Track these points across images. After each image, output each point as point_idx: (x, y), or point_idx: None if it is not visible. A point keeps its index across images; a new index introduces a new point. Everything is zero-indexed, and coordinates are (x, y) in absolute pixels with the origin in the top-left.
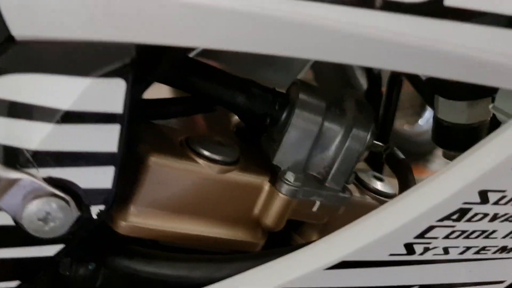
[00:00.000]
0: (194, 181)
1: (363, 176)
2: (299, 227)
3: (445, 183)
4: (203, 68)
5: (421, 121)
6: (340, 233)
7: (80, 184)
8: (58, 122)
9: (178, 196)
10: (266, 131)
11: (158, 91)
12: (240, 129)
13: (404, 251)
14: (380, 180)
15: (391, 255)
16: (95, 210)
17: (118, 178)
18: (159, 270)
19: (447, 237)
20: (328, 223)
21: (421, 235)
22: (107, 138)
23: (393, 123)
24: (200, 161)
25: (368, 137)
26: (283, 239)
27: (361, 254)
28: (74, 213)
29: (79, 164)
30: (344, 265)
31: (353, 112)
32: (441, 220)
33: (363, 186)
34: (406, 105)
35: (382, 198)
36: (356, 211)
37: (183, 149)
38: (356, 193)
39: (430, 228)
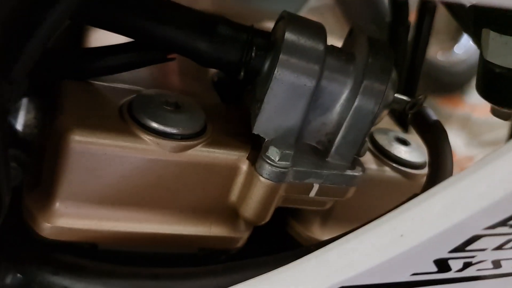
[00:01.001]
0: (137, 163)
1: (381, 139)
2: (296, 210)
3: (500, 172)
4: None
5: (456, 48)
6: (345, 244)
7: None
8: None
9: (117, 185)
10: (249, 83)
11: None
12: (221, 80)
13: (434, 269)
14: (405, 143)
15: (414, 274)
16: None
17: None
18: None
19: (500, 247)
20: (334, 207)
21: (460, 248)
22: None
23: (422, 66)
24: (145, 136)
25: (386, 90)
26: (277, 226)
27: (372, 277)
28: None
29: None
30: None
31: (364, 56)
32: (493, 227)
33: (382, 154)
34: (440, 30)
35: (408, 170)
36: (373, 189)
37: (123, 119)
38: (372, 165)
39: (475, 238)
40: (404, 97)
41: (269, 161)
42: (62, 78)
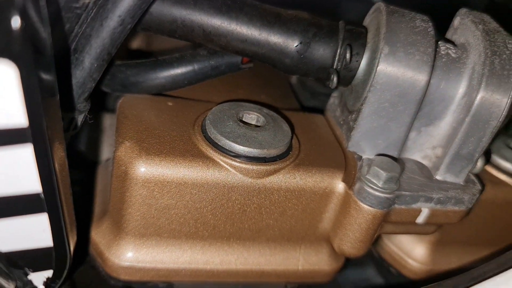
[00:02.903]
0: (215, 192)
1: (494, 149)
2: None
3: None
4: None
5: None
6: None
7: None
8: None
9: (193, 216)
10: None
11: None
12: (302, 81)
13: None
14: None
15: None
16: (38, 278)
17: (61, 229)
18: None
19: None
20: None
21: None
22: (16, 171)
23: None
24: (223, 160)
25: (510, 97)
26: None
27: None
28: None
29: None
30: None
31: (481, 56)
32: None
33: (495, 167)
34: None
35: None
36: (486, 209)
37: (196, 140)
38: (485, 182)
39: None
40: None
41: (371, 185)
42: (124, 92)
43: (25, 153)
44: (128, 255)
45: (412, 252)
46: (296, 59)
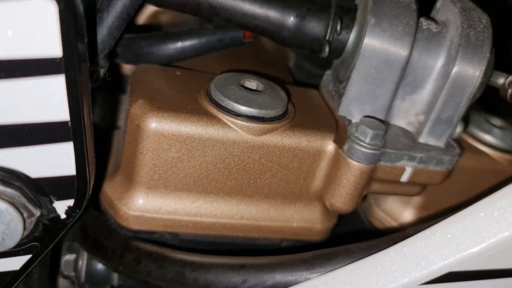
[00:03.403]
0: (219, 147)
1: (472, 122)
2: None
3: None
4: None
5: None
6: (450, 227)
7: (28, 172)
8: None
9: (199, 170)
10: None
11: None
12: (299, 64)
13: None
14: (499, 127)
15: None
16: (61, 206)
17: (84, 160)
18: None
19: None
20: (424, 193)
21: None
22: (48, 100)
23: None
24: (226, 118)
25: (484, 66)
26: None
27: (483, 261)
28: (27, 214)
29: (19, 142)
30: (450, 277)
31: (458, 25)
32: None
33: (474, 137)
34: None
35: (504, 155)
36: (467, 176)
37: (202, 102)
38: (466, 151)
39: None
40: (503, 73)
41: (359, 142)
42: (136, 63)
43: (58, 83)
44: (137, 205)
45: (400, 217)
46: (293, 31)
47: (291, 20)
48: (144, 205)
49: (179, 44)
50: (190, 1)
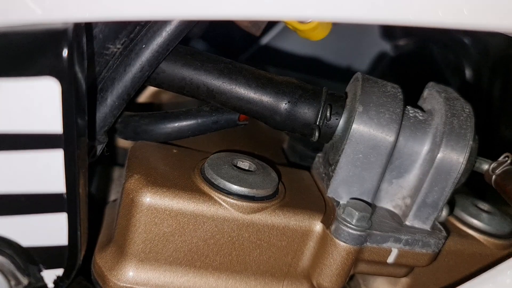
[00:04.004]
0: (211, 225)
1: (460, 206)
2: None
3: None
4: (207, 59)
5: None
6: None
7: (20, 241)
8: None
9: (190, 246)
10: (320, 148)
11: None
12: (292, 146)
13: None
14: (487, 212)
15: None
16: (49, 276)
17: (76, 230)
18: None
19: None
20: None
21: None
22: (46, 172)
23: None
24: (218, 196)
25: (467, 153)
26: None
27: None
28: (14, 282)
29: (14, 211)
30: None
31: (442, 117)
32: None
33: (461, 222)
34: None
35: (491, 239)
36: (454, 259)
37: (196, 180)
38: (453, 234)
39: None
40: (485, 160)
41: (346, 223)
42: (134, 139)
43: (57, 157)
44: (128, 277)
45: None
46: (285, 116)
47: (283, 105)
48: (134, 278)
49: (177, 124)
50: (188, 84)
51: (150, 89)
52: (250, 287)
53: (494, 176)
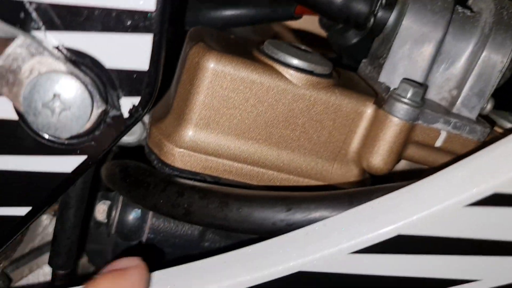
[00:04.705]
0: (271, 94)
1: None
2: None
3: None
4: None
5: None
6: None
7: (104, 61)
8: None
9: (249, 115)
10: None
11: None
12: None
13: None
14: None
15: None
16: (126, 103)
17: (159, 56)
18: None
19: None
20: None
21: None
22: None
23: None
24: (280, 67)
25: None
26: None
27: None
28: (95, 102)
29: (99, 27)
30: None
31: (491, 11)
32: None
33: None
34: None
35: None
36: None
37: (257, 55)
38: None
39: None
40: None
41: (400, 98)
42: (194, 25)
43: None
44: (184, 141)
45: None
46: (341, 4)
47: None
48: (190, 143)
49: (236, 11)
50: None
51: None
52: (301, 163)
53: None
